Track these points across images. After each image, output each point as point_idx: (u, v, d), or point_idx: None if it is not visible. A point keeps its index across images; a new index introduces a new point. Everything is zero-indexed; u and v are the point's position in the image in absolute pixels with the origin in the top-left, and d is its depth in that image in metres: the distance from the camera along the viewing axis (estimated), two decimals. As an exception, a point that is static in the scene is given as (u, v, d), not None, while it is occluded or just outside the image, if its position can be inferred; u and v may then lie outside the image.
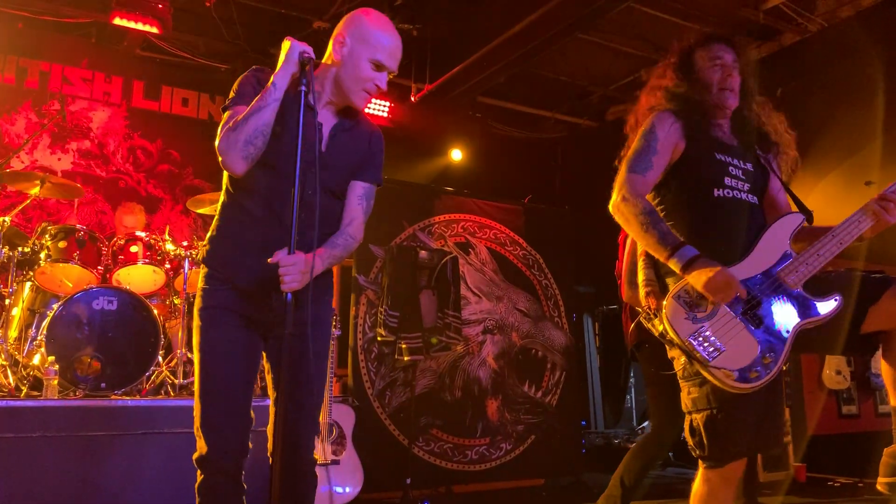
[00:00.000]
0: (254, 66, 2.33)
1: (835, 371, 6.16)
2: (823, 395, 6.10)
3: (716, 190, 2.26)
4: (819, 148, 5.68)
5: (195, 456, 2.14)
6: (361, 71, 2.22)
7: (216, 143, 2.15)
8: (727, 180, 2.28)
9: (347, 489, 4.22)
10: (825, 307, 2.10)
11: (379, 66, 2.23)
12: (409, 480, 4.56)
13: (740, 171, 2.32)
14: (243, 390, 2.19)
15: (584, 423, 7.00)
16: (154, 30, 5.83)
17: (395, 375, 5.06)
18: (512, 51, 6.20)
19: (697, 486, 2.24)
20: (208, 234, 2.29)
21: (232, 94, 2.24)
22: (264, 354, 2.29)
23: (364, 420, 4.65)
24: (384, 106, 7.32)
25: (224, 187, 2.31)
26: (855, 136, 5.46)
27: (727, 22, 6.45)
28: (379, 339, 4.95)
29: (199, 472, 2.14)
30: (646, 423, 7.43)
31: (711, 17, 6.43)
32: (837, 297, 2.10)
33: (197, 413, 2.15)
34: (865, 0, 5.89)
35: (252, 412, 2.22)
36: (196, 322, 2.22)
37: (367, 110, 8.06)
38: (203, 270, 2.28)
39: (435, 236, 5.49)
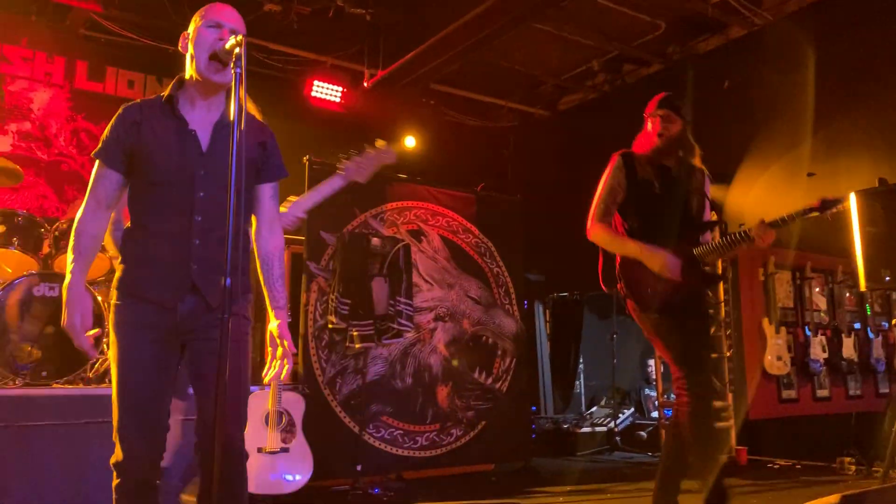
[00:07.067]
0: (123, 106, 2.39)
1: (776, 357, 6.36)
2: (763, 380, 6.29)
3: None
4: (763, 139, 5.83)
5: (112, 460, 2.18)
6: (203, 38, 2.29)
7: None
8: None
9: (297, 477, 4.19)
10: None
11: (217, 25, 2.30)
12: (359, 467, 4.56)
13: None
14: (159, 402, 2.23)
15: (533, 408, 7.09)
16: (97, 8, 5.66)
17: (346, 363, 5.05)
18: (465, 38, 6.19)
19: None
20: (118, 259, 2.32)
21: (102, 139, 2.29)
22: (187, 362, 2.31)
23: (314, 408, 4.62)
24: (337, 91, 7.23)
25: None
26: (798, 127, 5.60)
27: (676, 14, 6.56)
28: (330, 326, 4.92)
29: (115, 474, 2.18)
30: (594, 408, 7.55)
31: (662, 9, 6.52)
32: None
33: (114, 422, 2.18)
34: (809, -5, 6.05)
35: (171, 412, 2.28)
36: (112, 337, 2.24)
37: (319, 95, 7.94)
38: (114, 287, 2.28)
39: (387, 223, 5.47)
